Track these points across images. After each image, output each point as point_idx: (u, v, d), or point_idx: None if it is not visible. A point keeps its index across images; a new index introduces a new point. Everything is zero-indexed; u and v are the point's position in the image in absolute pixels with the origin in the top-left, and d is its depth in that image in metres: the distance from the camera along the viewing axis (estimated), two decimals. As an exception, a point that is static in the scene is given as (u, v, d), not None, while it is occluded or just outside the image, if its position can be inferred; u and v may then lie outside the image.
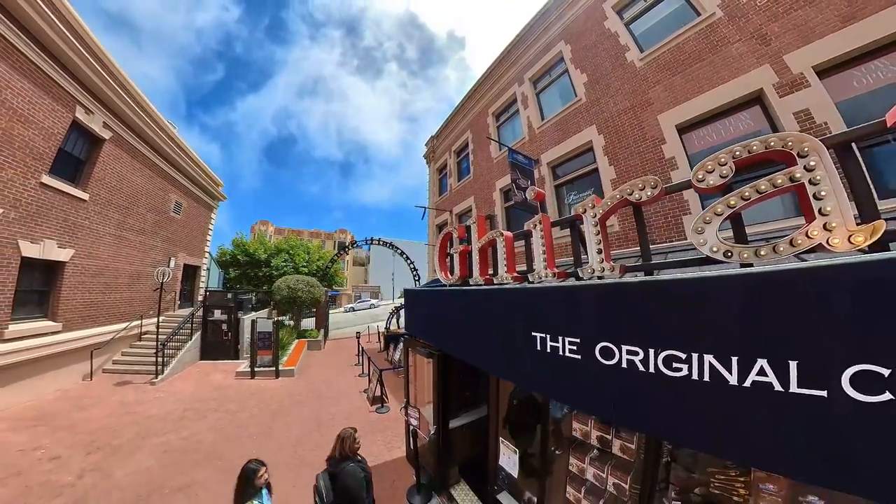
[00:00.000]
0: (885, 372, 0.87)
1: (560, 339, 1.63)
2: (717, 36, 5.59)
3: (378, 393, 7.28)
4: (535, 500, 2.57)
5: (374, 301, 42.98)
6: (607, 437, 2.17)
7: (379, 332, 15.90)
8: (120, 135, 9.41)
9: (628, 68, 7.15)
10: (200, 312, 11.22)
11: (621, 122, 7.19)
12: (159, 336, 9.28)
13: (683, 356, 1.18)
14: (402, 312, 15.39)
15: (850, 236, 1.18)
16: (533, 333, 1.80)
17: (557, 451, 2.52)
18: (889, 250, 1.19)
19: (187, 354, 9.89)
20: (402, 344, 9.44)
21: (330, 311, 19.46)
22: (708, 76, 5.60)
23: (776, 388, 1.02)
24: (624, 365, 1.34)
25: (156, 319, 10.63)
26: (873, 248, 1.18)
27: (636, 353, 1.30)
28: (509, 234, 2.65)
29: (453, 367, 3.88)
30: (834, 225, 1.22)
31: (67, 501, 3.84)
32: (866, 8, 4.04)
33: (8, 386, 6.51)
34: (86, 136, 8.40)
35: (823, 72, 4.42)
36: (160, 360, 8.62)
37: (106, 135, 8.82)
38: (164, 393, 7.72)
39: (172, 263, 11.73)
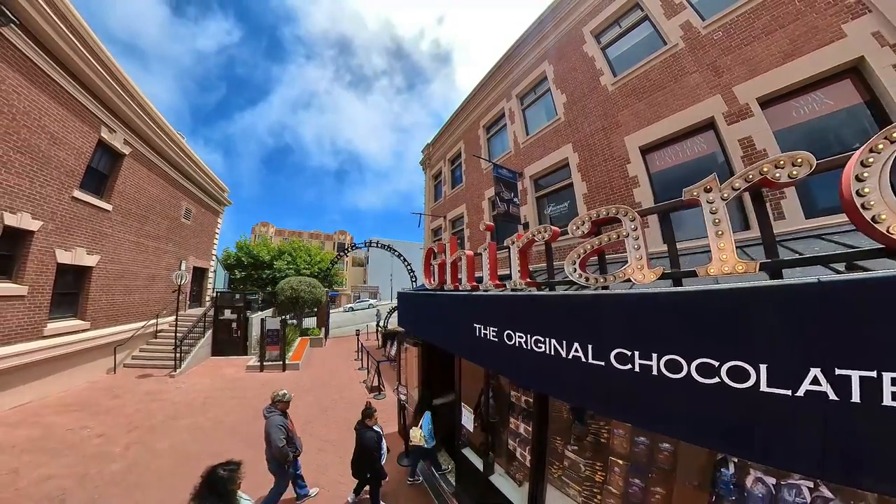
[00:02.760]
0: (628, 352, 1.74)
1: (488, 328, 2.53)
2: (678, 66, 6.11)
3: (375, 383, 8.18)
4: (486, 450, 3.48)
5: (372, 301, 43.85)
6: (530, 399, 3.08)
7: (377, 331, 16.81)
8: (138, 150, 10.27)
9: (601, 92, 7.68)
10: (212, 312, 12.10)
11: (593, 142, 7.78)
12: (176, 333, 10.15)
13: (543, 339, 2.08)
14: (387, 315, 16.29)
15: (646, 275, 2.06)
16: (474, 325, 2.70)
17: (501, 414, 3.43)
18: (679, 283, 2.05)
19: (201, 350, 10.78)
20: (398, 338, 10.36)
21: (330, 311, 20.34)
22: (668, 103, 6.16)
23: (582, 360, 1.91)
24: (516, 344, 2.24)
25: (169, 319, 11.56)
26: (673, 279, 2.05)
27: (521, 337, 2.20)
28: (470, 253, 3.55)
29: (435, 355, 4.78)
30: (641, 266, 2.10)
31: (122, 467, 4.73)
32: (805, 46, 4.55)
33: (46, 378, 7.38)
34: (109, 153, 9.25)
35: (766, 103, 4.89)
36: (178, 355, 9.50)
37: (126, 150, 9.67)
38: (184, 384, 8.61)
39: (183, 266, 12.58)
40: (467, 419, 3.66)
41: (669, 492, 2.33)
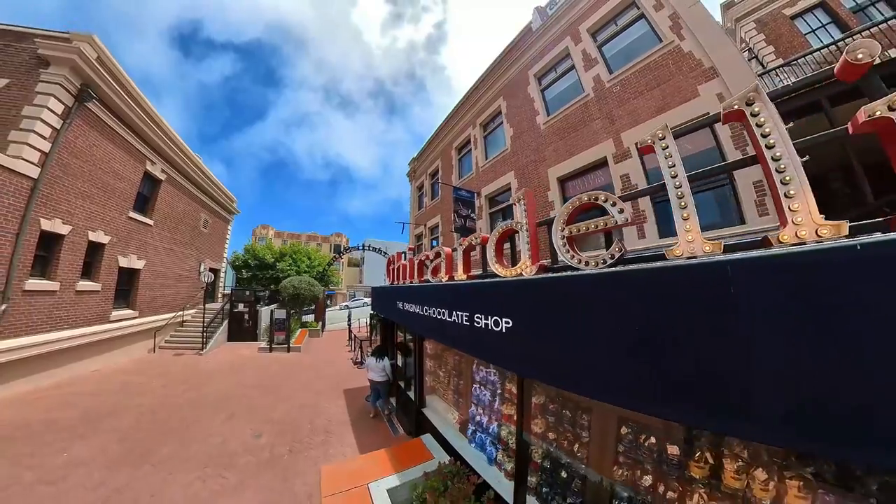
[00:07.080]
0: (432, 308, 4.20)
1: (400, 302, 4.99)
2: (587, 112, 7.77)
3: (359, 358, 10.64)
4: (405, 377, 5.98)
5: (367, 300, 46.22)
6: (431, 343, 5.55)
7: (368, 324, 19.25)
8: (171, 175, 12.75)
9: (536, 129, 9.56)
10: (228, 305, 14.58)
11: (528, 172, 9.72)
12: (204, 319, 12.62)
13: (414, 305, 4.54)
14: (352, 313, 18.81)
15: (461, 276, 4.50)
16: (396, 302, 5.18)
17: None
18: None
19: (220, 336, 13.26)
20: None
21: (327, 309, 22.76)
22: (578, 143, 7.96)
23: (419, 313, 4.35)
24: (406, 309, 4.70)
25: (191, 312, 14.02)
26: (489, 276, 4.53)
27: (412, 306, 4.65)
28: (404, 262, 6.01)
29: (394, 328, 7.25)
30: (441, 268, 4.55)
31: (183, 401, 7.16)
32: (672, 102, 5.73)
33: (109, 353, 9.86)
34: (150, 180, 11.74)
35: (643, 147, 7.22)
36: (204, 337, 11.97)
37: (163, 177, 12.15)
38: (211, 360, 11.08)
39: (202, 267, 15.00)
40: (402, 362, 6.11)
41: (461, 381, 4.71)
